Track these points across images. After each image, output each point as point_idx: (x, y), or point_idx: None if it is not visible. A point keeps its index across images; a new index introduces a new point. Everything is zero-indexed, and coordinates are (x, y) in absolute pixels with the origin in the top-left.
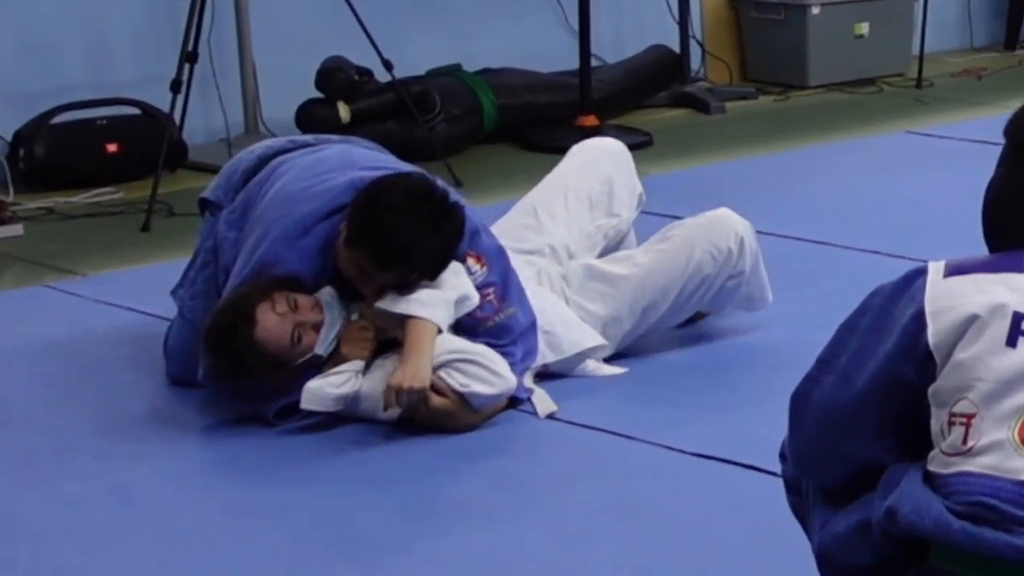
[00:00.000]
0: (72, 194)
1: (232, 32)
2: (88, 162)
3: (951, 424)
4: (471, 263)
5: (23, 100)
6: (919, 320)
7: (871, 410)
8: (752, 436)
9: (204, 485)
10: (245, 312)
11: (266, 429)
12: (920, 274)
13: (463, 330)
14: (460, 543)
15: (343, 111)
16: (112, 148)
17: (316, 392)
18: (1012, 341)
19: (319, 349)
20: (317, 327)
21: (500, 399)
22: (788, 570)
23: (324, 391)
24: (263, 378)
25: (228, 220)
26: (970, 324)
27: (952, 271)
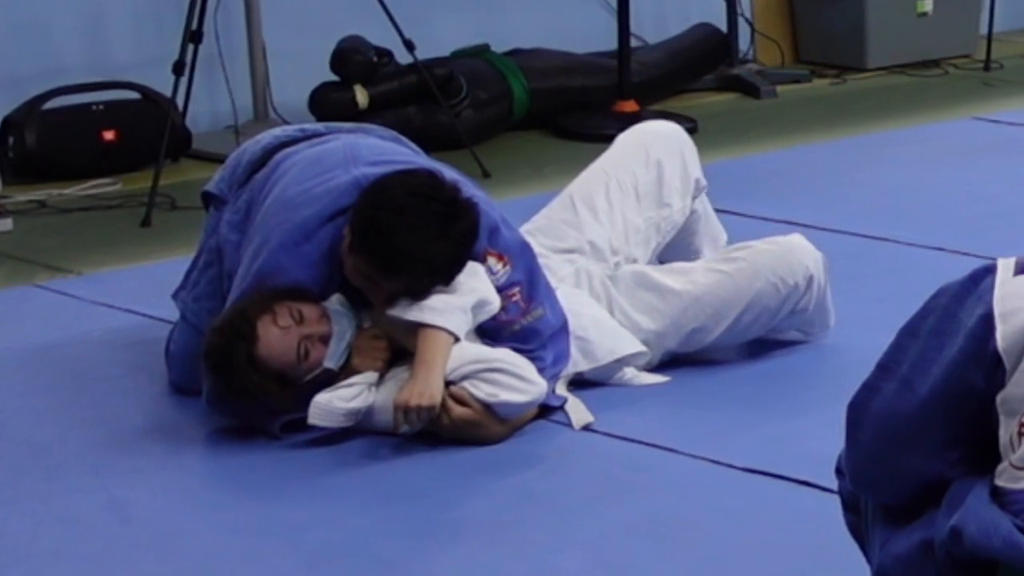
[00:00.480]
0: (66, 186)
1: (240, 9)
2: (83, 151)
3: (1021, 435)
4: (492, 262)
5: (12, 83)
6: (987, 322)
7: (935, 420)
8: (806, 449)
9: (209, 502)
10: (243, 329)
11: (273, 442)
12: (988, 272)
13: (487, 335)
14: (487, 566)
15: (360, 96)
16: (109, 136)
17: (325, 406)
18: None
19: (329, 363)
20: (325, 339)
21: (530, 407)
22: None
23: (333, 405)
24: (270, 398)
25: (231, 222)
26: None
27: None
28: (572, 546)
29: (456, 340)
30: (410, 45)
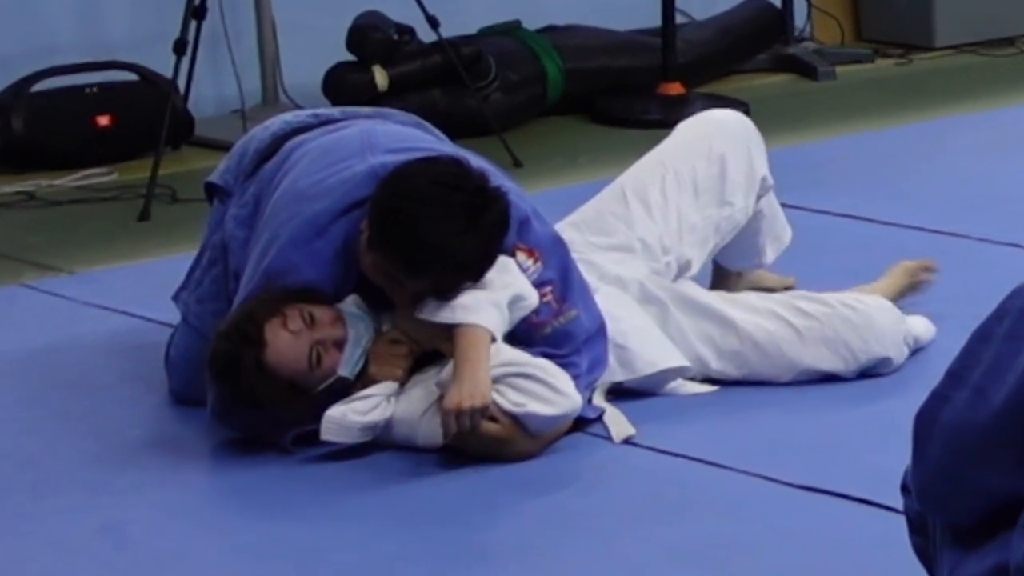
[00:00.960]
0: (56, 176)
1: None
2: (75, 137)
3: None
4: (522, 258)
5: None
6: None
7: (1010, 432)
8: (868, 464)
9: (214, 523)
10: (250, 333)
11: (285, 456)
12: None
13: (516, 339)
14: None
15: (379, 77)
16: (104, 121)
17: (338, 421)
18: None
19: (343, 370)
20: (339, 344)
21: (561, 422)
22: None
23: (348, 419)
24: (280, 410)
25: (238, 217)
26: None
27: None
28: (612, 573)
29: (493, 339)
30: (434, 22)
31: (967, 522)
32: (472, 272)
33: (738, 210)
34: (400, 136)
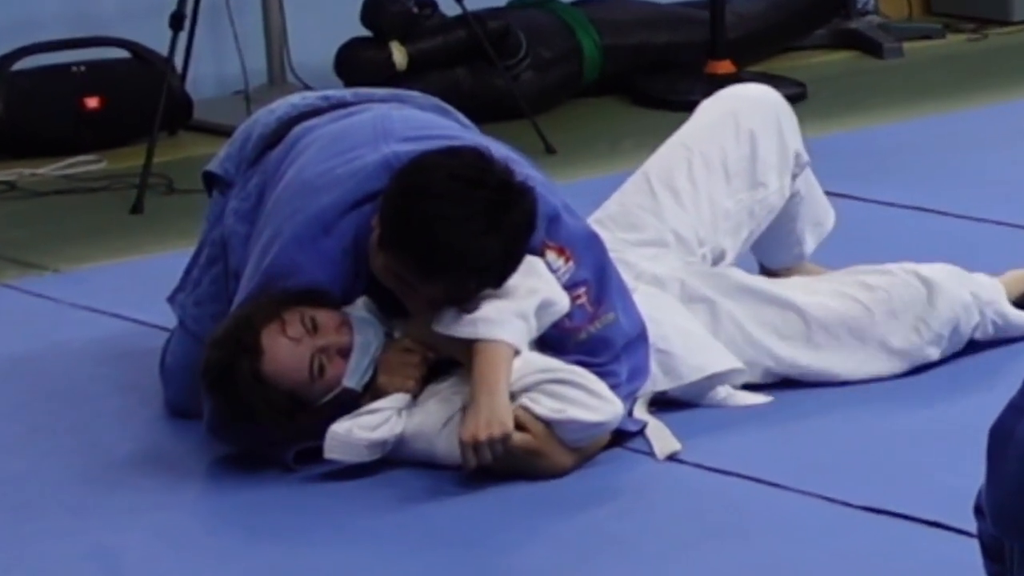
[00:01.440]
0: (40, 164)
1: None
2: (61, 122)
3: None
4: (552, 257)
5: None
6: None
7: None
8: (938, 483)
9: (214, 548)
10: (247, 340)
11: (290, 474)
12: None
13: (547, 346)
14: None
15: (398, 55)
16: (93, 103)
17: (344, 437)
18: None
19: (349, 381)
20: (345, 352)
21: (603, 430)
22: None
23: (354, 435)
24: (279, 424)
25: (239, 210)
26: None
27: None
28: None
29: (517, 353)
30: None
31: None
32: (493, 278)
33: (772, 192)
34: (418, 122)
